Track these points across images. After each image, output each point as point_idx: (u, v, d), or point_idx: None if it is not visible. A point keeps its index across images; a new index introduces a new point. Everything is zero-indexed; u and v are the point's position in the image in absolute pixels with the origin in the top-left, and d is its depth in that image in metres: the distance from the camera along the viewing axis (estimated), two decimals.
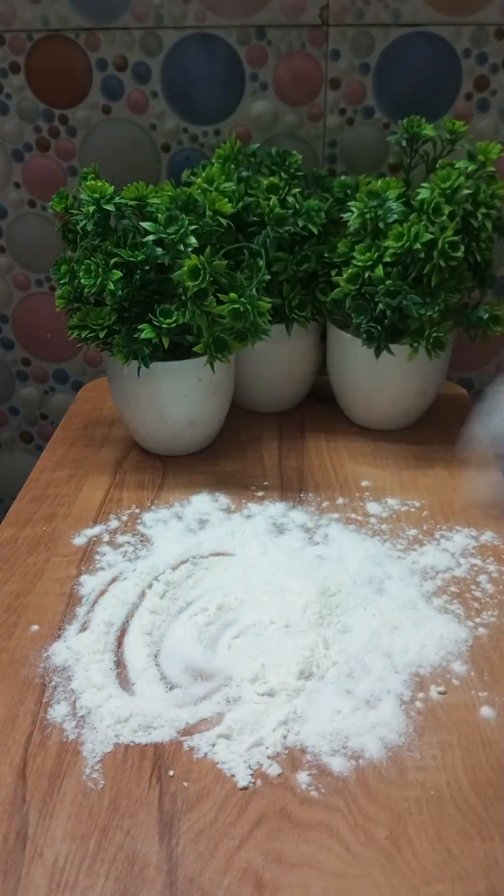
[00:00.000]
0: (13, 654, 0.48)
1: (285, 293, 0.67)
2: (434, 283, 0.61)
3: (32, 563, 0.56)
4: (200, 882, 0.35)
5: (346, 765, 0.40)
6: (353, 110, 0.76)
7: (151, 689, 0.45)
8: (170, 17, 0.73)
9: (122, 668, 0.47)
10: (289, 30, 0.73)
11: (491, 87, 0.74)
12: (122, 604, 0.52)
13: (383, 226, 0.63)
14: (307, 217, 0.64)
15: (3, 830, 0.37)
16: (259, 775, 0.40)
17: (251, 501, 0.63)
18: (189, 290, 0.57)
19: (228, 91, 0.76)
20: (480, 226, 0.62)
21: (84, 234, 0.61)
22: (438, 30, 0.72)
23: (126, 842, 0.37)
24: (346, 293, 0.64)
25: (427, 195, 0.60)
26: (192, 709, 0.44)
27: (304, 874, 0.35)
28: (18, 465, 0.98)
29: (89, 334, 0.61)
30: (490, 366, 0.88)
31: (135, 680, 0.46)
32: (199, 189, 0.62)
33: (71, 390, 0.93)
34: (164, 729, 0.42)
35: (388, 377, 0.68)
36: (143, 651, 0.48)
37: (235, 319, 0.59)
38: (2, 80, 0.76)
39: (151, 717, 0.43)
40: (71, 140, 0.79)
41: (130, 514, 0.61)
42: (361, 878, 0.35)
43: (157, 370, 0.62)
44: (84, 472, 0.67)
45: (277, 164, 0.68)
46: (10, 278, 0.87)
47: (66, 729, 0.42)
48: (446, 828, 0.37)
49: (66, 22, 0.73)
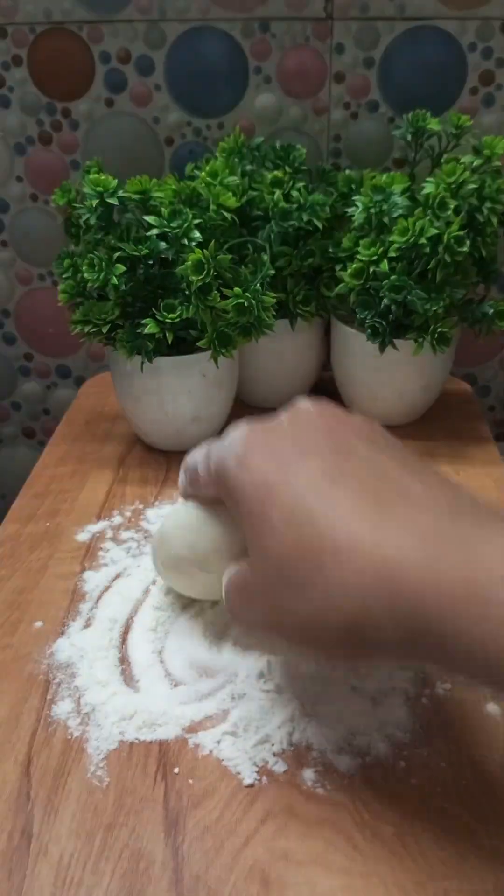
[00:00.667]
0: (17, 651, 0.48)
1: (289, 288, 0.67)
2: (439, 278, 0.60)
3: (36, 559, 0.56)
4: (206, 879, 0.35)
5: (352, 762, 0.40)
6: (358, 104, 0.75)
7: (156, 686, 0.45)
8: (173, 9, 0.72)
9: (127, 665, 0.46)
10: (293, 23, 0.72)
11: (497, 82, 0.73)
12: (126, 600, 0.51)
13: (388, 220, 0.62)
14: (311, 211, 0.64)
15: (7, 828, 0.37)
16: (265, 772, 0.40)
17: None
18: (193, 284, 0.57)
19: (232, 84, 0.75)
20: (486, 221, 0.62)
21: (87, 228, 0.61)
22: (444, 24, 0.71)
23: (131, 839, 0.37)
24: (351, 288, 0.64)
25: (432, 190, 0.60)
26: (196, 706, 0.43)
27: (310, 871, 0.35)
28: (21, 460, 0.98)
29: (92, 329, 0.61)
30: (494, 361, 0.88)
31: (139, 677, 0.46)
32: (203, 183, 0.62)
33: (73, 385, 0.92)
34: (169, 726, 0.42)
35: (393, 372, 0.67)
36: (147, 647, 0.48)
37: (239, 314, 0.58)
38: (4, 73, 0.76)
39: (156, 714, 0.43)
40: (73, 133, 0.78)
41: (134, 510, 0.61)
42: (368, 876, 0.35)
43: (161, 365, 0.62)
44: (87, 468, 0.67)
45: (282, 159, 0.68)
46: (12, 273, 0.87)
47: (70, 726, 0.42)
48: (453, 825, 0.37)
49: (69, 14, 0.73)
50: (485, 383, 0.89)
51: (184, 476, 0.46)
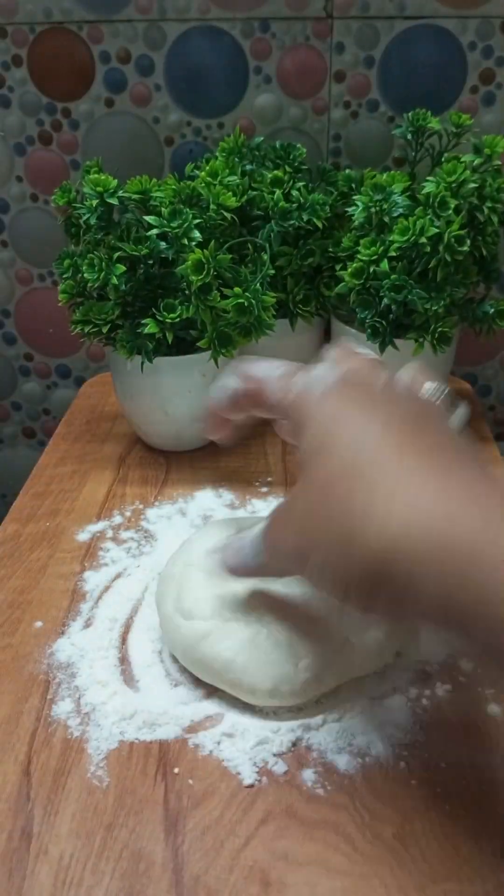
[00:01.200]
0: (17, 651, 0.48)
1: (289, 288, 0.67)
2: (440, 277, 0.60)
3: (36, 558, 0.56)
4: (206, 880, 0.35)
5: (352, 762, 0.40)
6: (358, 103, 0.75)
7: (156, 686, 0.45)
8: (173, 9, 0.72)
9: (127, 665, 0.46)
10: (293, 22, 0.72)
11: (497, 81, 0.73)
12: (127, 600, 0.51)
13: (388, 220, 0.62)
14: (311, 211, 0.64)
15: (7, 828, 0.37)
16: (265, 773, 0.39)
17: (255, 497, 0.62)
18: (193, 284, 0.57)
19: (232, 84, 0.75)
20: (486, 220, 0.62)
21: (87, 228, 0.60)
22: (444, 22, 0.71)
23: (131, 839, 0.36)
24: (351, 287, 0.63)
25: (433, 189, 0.60)
26: (196, 706, 0.43)
27: (310, 872, 0.35)
28: (21, 460, 0.98)
29: (92, 329, 0.61)
30: (494, 361, 0.88)
31: (139, 677, 0.45)
32: (203, 183, 0.61)
33: (73, 385, 0.92)
34: (168, 726, 0.42)
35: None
36: (147, 647, 0.47)
37: (240, 314, 0.58)
38: (4, 72, 0.76)
39: (156, 714, 0.43)
40: (73, 133, 0.78)
41: (134, 510, 0.61)
42: (369, 877, 0.35)
43: (161, 365, 0.62)
44: (87, 468, 0.67)
45: (281, 158, 0.68)
46: (12, 273, 0.87)
47: (70, 726, 0.42)
48: (454, 826, 0.37)
49: (69, 14, 0.73)
50: (485, 383, 0.89)
51: (234, 386, 0.43)
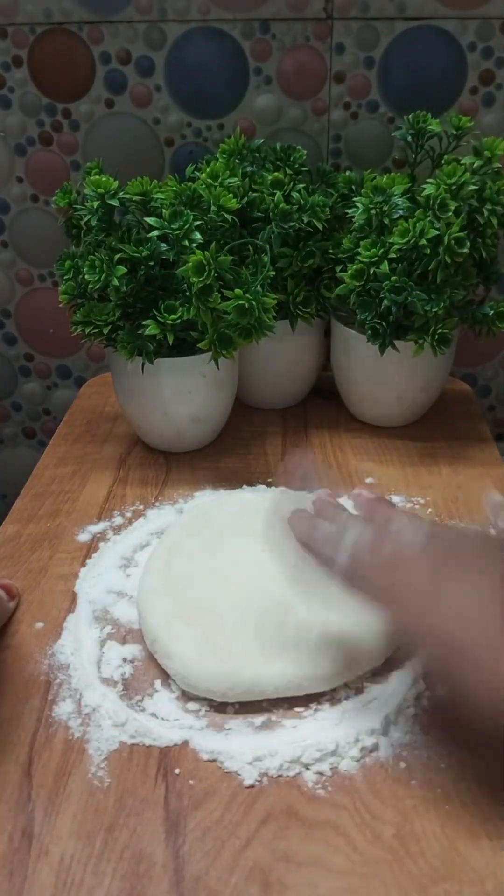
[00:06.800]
0: (18, 651, 0.48)
1: (290, 289, 0.67)
2: (440, 279, 0.60)
3: (37, 559, 0.56)
4: (207, 881, 0.35)
5: (352, 763, 0.40)
6: (358, 105, 0.75)
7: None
8: (173, 10, 0.72)
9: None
10: (293, 23, 0.72)
11: (496, 82, 0.73)
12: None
13: (388, 221, 0.62)
14: (312, 212, 0.64)
15: (8, 828, 0.37)
16: (265, 774, 0.40)
17: None
18: (194, 285, 0.57)
19: (232, 85, 0.75)
20: (486, 222, 0.62)
21: (88, 229, 0.61)
22: (444, 23, 0.71)
23: (132, 840, 0.37)
24: (351, 289, 0.64)
25: (433, 191, 0.60)
26: (196, 706, 0.43)
27: (311, 873, 0.35)
28: (21, 461, 0.98)
29: (93, 330, 0.61)
30: (494, 361, 0.88)
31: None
32: (204, 184, 0.62)
33: (74, 386, 0.92)
34: (169, 726, 0.42)
35: (393, 374, 0.67)
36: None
37: (240, 315, 0.58)
38: (4, 73, 0.76)
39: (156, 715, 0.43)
40: (74, 134, 0.78)
41: (134, 511, 0.61)
42: (369, 877, 0.35)
43: (161, 366, 0.62)
44: (87, 469, 0.67)
45: (282, 160, 0.68)
46: (12, 273, 0.87)
47: (71, 727, 0.42)
48: (454, 826, 0.37)
49: (69, 15, 0.73)
50: (485, 383, 0.89)
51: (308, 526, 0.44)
